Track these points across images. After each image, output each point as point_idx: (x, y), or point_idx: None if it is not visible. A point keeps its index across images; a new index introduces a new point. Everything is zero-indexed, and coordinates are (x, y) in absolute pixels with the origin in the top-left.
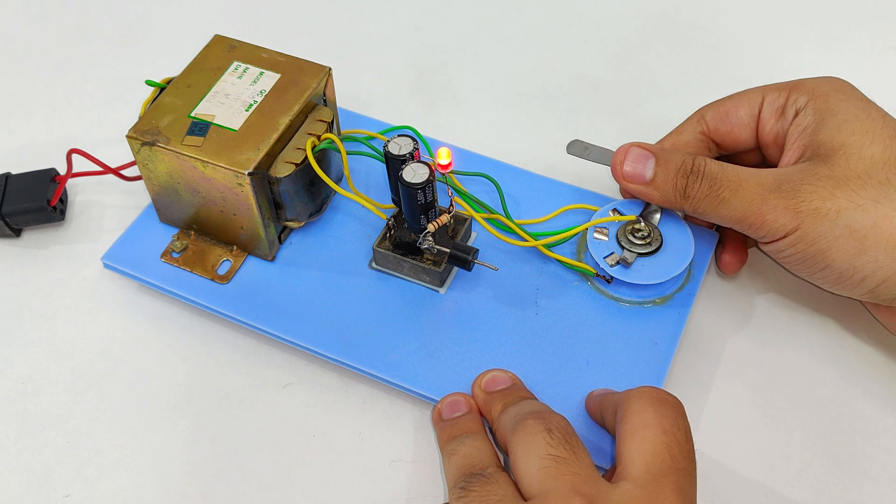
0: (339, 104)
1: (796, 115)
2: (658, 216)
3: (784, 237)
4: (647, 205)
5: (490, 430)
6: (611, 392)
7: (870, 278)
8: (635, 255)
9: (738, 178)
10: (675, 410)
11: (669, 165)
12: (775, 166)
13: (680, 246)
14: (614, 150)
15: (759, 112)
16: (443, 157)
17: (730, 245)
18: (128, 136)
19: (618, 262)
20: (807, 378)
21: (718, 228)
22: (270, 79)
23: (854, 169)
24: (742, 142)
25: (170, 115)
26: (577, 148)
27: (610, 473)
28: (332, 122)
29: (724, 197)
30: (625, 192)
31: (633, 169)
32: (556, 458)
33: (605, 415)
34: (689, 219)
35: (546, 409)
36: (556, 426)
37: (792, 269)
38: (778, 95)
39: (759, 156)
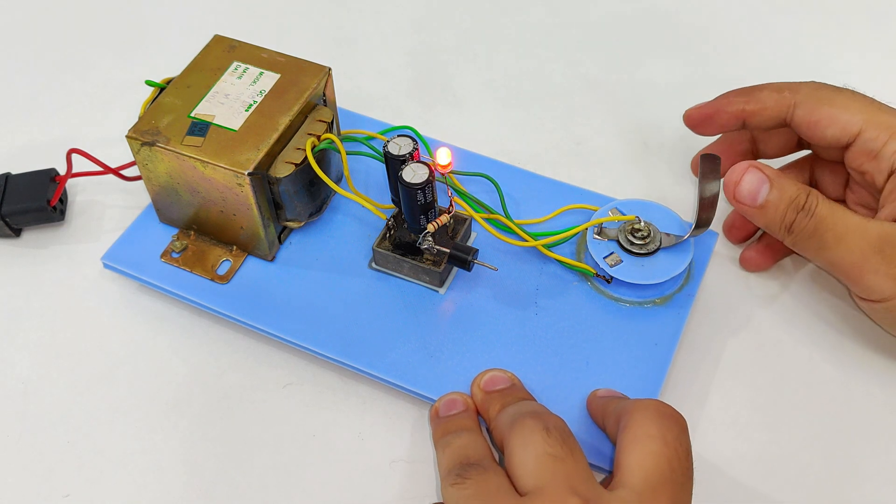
0: (338, 104)
1: (894, 170)
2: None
3: (880, 301)
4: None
5: (487, 429)
6: (616, 396)
7: None
8: (615, 230)
9: (845, 225)
10: (678, 426)
11: (783, 195)
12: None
13: (680, 246)
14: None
15: (851, 143)
16: (442, 157)
17: (761, 247)
18: (128, 136)
19: (607, 243)
20: (806, 378)
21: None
22: (270, 79)
23: None
24: (823, 149)
25: (170, 115)
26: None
27: (607, 481)
28: (332, 122)
29: (827, 242)
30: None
31: (747, 191)
32: (553, 456)
33: (607, 421)
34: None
35: (544, 410)
36: (553, 426)
37: (887, 329)
38: (877, 136)
39: (794, 136)
